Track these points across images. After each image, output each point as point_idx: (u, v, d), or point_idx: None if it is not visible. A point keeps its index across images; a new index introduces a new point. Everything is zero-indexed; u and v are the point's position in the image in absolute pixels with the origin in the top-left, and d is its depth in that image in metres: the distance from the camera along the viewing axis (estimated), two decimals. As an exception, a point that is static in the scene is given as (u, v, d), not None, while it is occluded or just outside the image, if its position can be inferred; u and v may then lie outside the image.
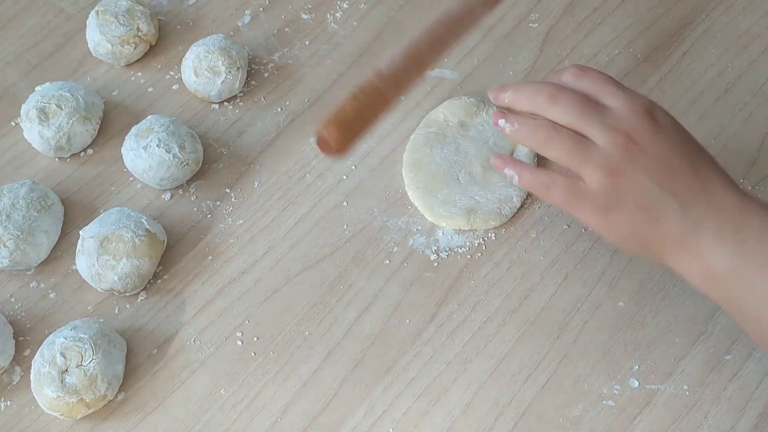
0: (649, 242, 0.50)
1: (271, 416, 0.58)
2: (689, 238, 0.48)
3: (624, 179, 0.49)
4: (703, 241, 0.48)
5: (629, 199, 0.49)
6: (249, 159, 0.70)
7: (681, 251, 0.49)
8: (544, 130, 0.52)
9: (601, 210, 0.50)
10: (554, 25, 0.76)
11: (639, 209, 0.49)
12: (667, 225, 0.48)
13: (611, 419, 0.57)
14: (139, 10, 0.74)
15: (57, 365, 0.56)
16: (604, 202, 0.50)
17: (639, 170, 0.49)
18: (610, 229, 0.50)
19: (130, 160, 0.66)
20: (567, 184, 0.51)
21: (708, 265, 0.48)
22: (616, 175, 0.49)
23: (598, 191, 0.50)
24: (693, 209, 0.48)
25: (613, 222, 0.50)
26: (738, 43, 0.74)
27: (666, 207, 0.49)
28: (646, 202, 0.49)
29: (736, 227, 0.48)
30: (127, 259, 0.61)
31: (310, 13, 0.78)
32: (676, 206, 0.48)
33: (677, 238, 0.48)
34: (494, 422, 0.57)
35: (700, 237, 0.48)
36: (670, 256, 0.49)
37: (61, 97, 0.68)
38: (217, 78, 0.70)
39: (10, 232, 0.62)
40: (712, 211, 0.48)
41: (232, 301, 0.63)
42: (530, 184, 0.53)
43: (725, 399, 0.57)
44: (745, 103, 0.71)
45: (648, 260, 0.54)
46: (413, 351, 0.60)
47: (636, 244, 0.51)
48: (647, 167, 0.49)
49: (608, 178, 0.49)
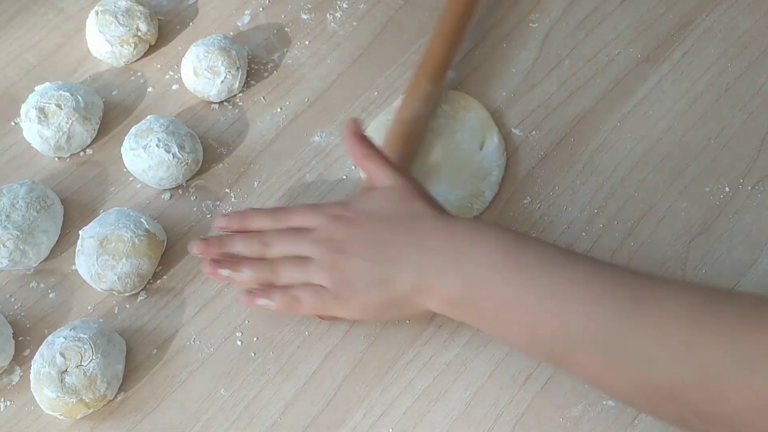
0: (395, 304, 0.56)
1: (271, 416, 0.58)
2: (420, 284, 0.55)
3: (344, 271, 0.56)
4: (433, 283, 0.54)
5: (358, 283, 0.56)
6: (249, 159, 0.70)
7: (422, 297, 0.55)
8: (271, 265, 0.59)
9: (342, 301, 0.57)
10: (554, 25, 0.76)
11: (370, 287, 0.56)
12: (399, 285, 0.55)
13: (611, 419, 0.57)
14: (138, 10, 0.74)
15: (57, 365, 0.56)
16: (340, 293, 0.57)
17: (351, 258, 0.56)
18: (359, 312, 0.58)
19: (130, 160, 0.66)
20: (310, 292, 0.58)
21: (445, 298, 0.54)
22: (336, 270, 0.57)
23: (332, 288, 0.57)
24: (411, 263, 0.55)
25: (357, 305, 0.57)
26: (738, 43, 0.74)
27: (388, 272, 0.55)
28: (371, 278, 0.56)
29: (452, 263, 0.54)
30: (126, 259, 0.61)
31: (310, 13, 0.78)
32: (394, 267, 0.55)
33: (413, 290, 0.55)
34: (494, 422, 0.57)
35: (429, 281, 0.54)
36: (416, 303, 0.56)
37: (61, 97, 0.68)
38: (217, 78, 0.70)
39: (9, 232, 0.62)
40: (427, 257, 0.55)
41: (231, 301, 0.63)
42: (283, 304, 0.58)
43: (725, 399, 0.57)
44: (745, 103, 0.71)
45: (410, 317, 0.60)
46: (413, 351, 0.60)
47: (386, 311, 0.57)
48: (357, 252, 0.56)
49: (332, 274, 0.57)
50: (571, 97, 0.72)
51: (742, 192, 0.66)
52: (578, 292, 0.50)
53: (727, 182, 0.67)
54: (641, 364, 0.48)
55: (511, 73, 0.73)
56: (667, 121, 0.70)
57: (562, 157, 0.69)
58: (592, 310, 0.49)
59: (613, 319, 0.49)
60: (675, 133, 0.70)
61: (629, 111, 0.71)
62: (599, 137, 0.69)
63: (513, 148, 0.69)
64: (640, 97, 0.72)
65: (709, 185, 0.67)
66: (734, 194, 0.66)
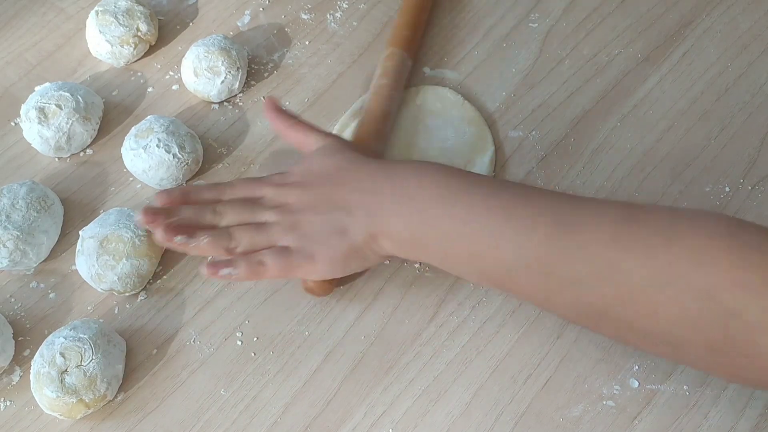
0: (356, 253, 0.57)
1: (271, 416, 0.58)
2: (371, 229, 0.56)
3: (304, 227, 0.58)
4: (383, 225, 0.56)
5: (319, 235, 0.57)
6: (249, 159, 0.70)
7: (376, 241, 0.56)
8: (228, 233, 0.58)
9: (308, 257, 0.57)
10: (554, 25, 0.76)
11: (329, 238, 0.57)
12: (354, 232, 0.56)
13: (611, 419, 0.57)
14: (138, 10, 0.74)
15: (56, 365, 0.56)
16: (305, 249, 0.57)
17: (307, 215, 0.58)
18: (327, 266, 0.58)
19: (130, 160, 0.66)
20: (275, 254, 0.57)
21: (396, 239, 0.56)
22: (297, 228, 0.58)
23: (296, 247, 0.57)
24: (359, 209, 0.57)
25: (323, 259, 0.57)
26: (738, 43, 0.74)
27: (342, 221, 0.57)
28: (328, 229, 0.57)
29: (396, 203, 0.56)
30: (126, 259, 0.61)
31: (310, 13, 0.78)
32: (346, 216, 0.57)
33: (368, 236, 0.56)
34: (494, 422, 0.57)
35: (379, 223, 0.56)
36: (374, 250, 0.57)
37: (61, 97, 0.68)
38: (217, 78, 0.70)
39: (9, 233, 0.62)
40: (372, 200, 0.57)
41: (232, 301, 0.63)
42: (248, 271, 0.57)
43: (725, 399, 0.57)
44: (745, 103, 0.71)
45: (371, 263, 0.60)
46: (413, 351, 0.60)
47: (351, 261, 0.58)
48: (310, 209, 0.58)
49: (295, 233, 0.58)
50: (571, 97, 0.72)
51: (742, 192, 0.66)
52: (509, 220, 0.52)
53: (727, 182, 0.67)
54: (573, 285, 0.50)
55: (511, 73, 0.73)
56: (667, 121, 0.70)
57: (562, 157, 0.69)
58: (523, 238, 0.52)
59: (542, 245, 0.51)
60: (675, 133, 0.70)
61: (629, 111, 0.71)
62: (599, 137, 0.69)
63: (513, 149, 0.69)
64: (640, 97, 0.72)
65: (709, 185, 0.67)
66: (734, 194, 0.66)
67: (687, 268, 0.47)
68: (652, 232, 0.49)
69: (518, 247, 0.52)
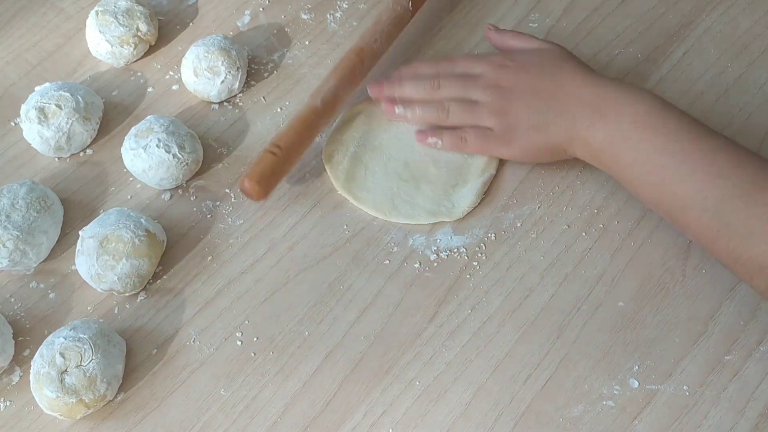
0: (549, 148, 0.64)
1: (271, 416, 0.58)
2: (572, 133, 0.62)
3: (510, 115, 0.65)
4: (582, 133, 0.62)
5: (521, 125, 0.64)
6: (249, 159, 0.70)
7: (571, 144, 0.63)
8: (441, 106, 0.67)
9: (506, 142, 0.65)
10: (554, 25, 0.76)
11: (529, 129, 0.64)
12: (555, 132, 0.63)
13: (611, 419, 0.57)
14: (138, 10, 0.74)
15: (56, 365, 0.56)
16: (505, 135, 0.65)
17: (516, 104, 0.65)
18: (519, 153, 0.66)
19: (130, 160, 0.66)
20: (476, 133, 0.66)
21: (589, 147, 0.62)
22: (504, 114, 0.65)
23: (498, 130, 0.65)
24: (566, 112, 0.63)
25: (518, 147, 0.65)
26: (738, 43, 0.74)
27: (547, 118, 0.63)
28: (532, 122, 0.64)
29: (599, 116, 0.61)
30: (126, 260, 0.61)
31: (310, 13, 0.78)
32: (552, 115, 0.63)
33: (564, 137, 0.63)
34: (494, 422, 0.57)
35: (579, 130, 0.62)
36: (566, 150, 0.64)
37: (61, 97, 0.68)
38: (217, 78, 0.70)
39: (9, 233, 0.62)
40: (579, 108, 0.62)
41: (231, 301, 0.63)
42: (451, 143, 0.67)
43: (725, 399, 0.57)
44: (745, 103, 0.71)
45: (557, 158, 0.66)
46: (413, 351, 0.60)
47: (541, 154, 0.65)
48: (521, 98, 0.65)
49: (500, 118, 0.65)
50: (571, 97, 0.72)
51: (742, 192, 0.66)
52: (704, 163, 0.57)
53: (727, 182, 0.67)
54: (743, 237, 0.55)
55: (511, 73, 0.73)
56: (667, 121, 0.70)
57: (562, 157, 0.69)
58: (713, 181, 0.56)
59: (729, 193, 0.56)
60: (675, 133, 0.70)
61: (629, 111, 0.71)
62: (599, 137, 0.69)
63: (513, 148, 0.69)
64: (640, 97, 0.72)
65: (709, 185, 0.67)
66: (734, 194, 0.66)
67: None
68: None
69: (705, 188, 0.56)
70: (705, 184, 0.56)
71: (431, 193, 0.66)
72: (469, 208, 0.66)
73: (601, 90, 0.62)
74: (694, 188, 0.57)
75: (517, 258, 0.64)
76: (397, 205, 0.66)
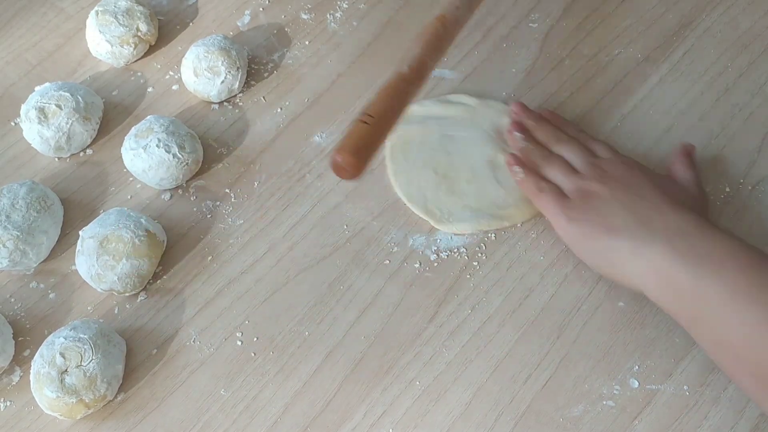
0: (606, 252, 0.57)
1: (271, 416, 0.58)
2: (643, 249, 0.54)
3: (595, 199, 0.60)
4: (658, 250, 0.54)
5: (594, 212, 0.59)
6: (249, 159, 0.70)
7: (634, 260, 0.55)
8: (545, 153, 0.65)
9: (572, 220, 0.60)
10: (554, 25, 0.76)
11: (599, 222, 0.58)
12: (621, 236, 0.56)
13: (611, 419, 0.57)
14: (138, 10, 0.74)
15: (56, 365, 0.56)
16: (576, 212, 0.60)
17: (611, 198, 0.59)
18: (575, 238, 0.60)
19: (130, 160, 0.66)
20: (555, 193, 0.62)
21: (663, 275, 0.53)
22: (589, 196, 0.60)
23: (574, 203, 0.60)
24: (648, 225, 0.56)
25: (577, 230, 0.59)
26: (738, 43, 0.74)
27: (622, 222, 0.57)
28: (607, 217, 0.58)
29: (692, 243, 0.53)
30: (126, 260, 0.61)
31: (310, 13, 0.78)
32: (631, 221, 0.56)
33: (630, 249, 0.55)
34: (494, 422, 0.57)
35: (654, 246, 0.54)
36: (624, 265, 0.56)
37: (61, 97, 0.68)
38: (217, 78, 0.70)
39: (9, 233, 0.62)
40: (668, 228, 0.55)
41: (231, 301, 0.63)
42: (528, 185, 0.63)
43: (725, 399, 0.57)
44: (745, 103, 0.71)
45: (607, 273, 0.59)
46: (413, 351, 0.60)
47: (595, 257, 0.59)
48: (619, 197, 0.59)
49: (583, 195, 0.60)
50: (571, 97, 0.72)
51: (743, 192, 0.66)
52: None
53: (727, 182, 0.67)
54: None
55: (511, 73, 0.73)
56: (667, 121, 0.70)
57: (562, 157, 0.69)
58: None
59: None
60: (675, 133, 0.70)
61: (629, 111, 0.71)
62: (599, 137, 0.69)
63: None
64: (640, 97, 0.72)
65: (709, 185, 0.67)
66: (734, 194, 0.66)
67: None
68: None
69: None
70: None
71: (446, 198, 0.66)
72: (460, 230, 0.65)
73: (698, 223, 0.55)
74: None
75: (517, 258, 0.64)
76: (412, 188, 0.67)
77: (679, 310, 0.54)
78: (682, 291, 0.53)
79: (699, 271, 0.52)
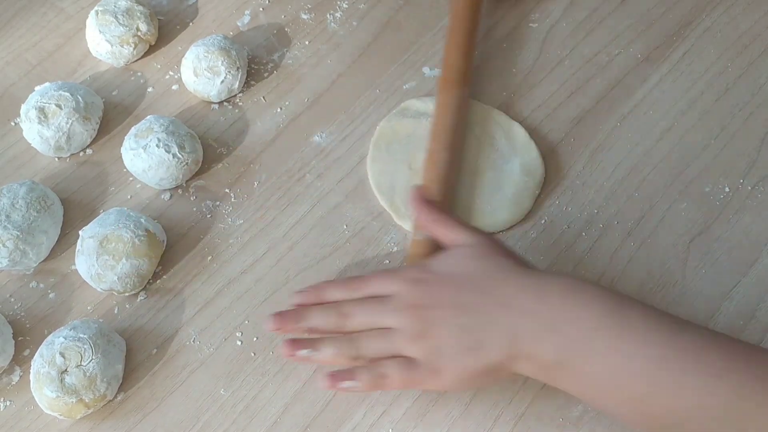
0: (488, 371, 0.52)
1: (271, 416, 0.58)
2: (513, 350, 0.51)
3: (434, 339, 0.53)
4: (528, 348, 0.51)
5: (448, 352, 0.52)
6: (249, 159, 0.70)
7: (515, 362, 0.52)
8: (352, 340, 0.55)
9: (434, 372, 0.53)
10: (554, 25, 0.76)
11: (461, 355, 0.52)
12: (492, 352, 0.51)
13: (611, 419, 0.57)
14: (138, 10, 0.74)
15: (56, 365, 0.56)
16: (431, 364, 0.53)
17: (437, 324, 0.53)
18: (453, 383, 0.54)
19: (130, 160, 0.66)
20: (398, 366, 0.53)
21: (540, 364, 0.51)
22: (425, 339, 0.53)
23: (423, 359, 0.53)
24: (502, 326, 0.51)
25: (450, 376, 0.53)
26: (738, 43, 0.74)
27: (480, 339, 0.52)
28: (462, 345, 0.52)
29: (548, 327, 0.50)
30: (126, 259, 0.61)
31: (310, 13, 0.78)
32: (486, 334, 0.52)
33: (505, 355, 0.51)
34: (494, 422, 0.57)
35: (523, 346, 0.51)
36: (510, 368, 0.52)
37: (61, 97, 0.68)
38: (217, 78, 0.70)
39: (9, 232, 0.62)
40: (520, 319, 0.51)
41: (231, 301, 0.63)
42: (370, 383, 0.54)
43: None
44: (745, 103, 0.71)
45: (500, 382, 0.57)
46: (413, 351, 0.60)
47: (481, 379, 0.53)
48: (442, 317, 0.53)
49: (420, 344, 0.53)
50: (571, 97, 0.72)
51: (742, 192, 0.66)
52: (694, 363, 0.47)
53: (727, 182, 0.67)
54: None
55: (511, 73, 0.73)
56: (667, 121, 0.70)
57: (562, 157, 0.69)
58: (711, 385, 0.46)
59: (734, 396, 0.46)
60: (675, 133, 0.70)
61: (629, 111, 0.71)
62: (599, 137, 0.70)
63: (513, 148, 0.69)
64: (640, 97, 0.72)
65: (709, 185, 0.67)
66: (734, 194, 0.66)
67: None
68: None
69: (704, 394, 0.46)
70: (702, 390, 0.46)
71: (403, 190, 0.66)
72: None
73: (544, 294, 0.51)
74: (691, 397, 0.47)
75: (517, 258, 0.64)
76: (383, 178, 0.67)
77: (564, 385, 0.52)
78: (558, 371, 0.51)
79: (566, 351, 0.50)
